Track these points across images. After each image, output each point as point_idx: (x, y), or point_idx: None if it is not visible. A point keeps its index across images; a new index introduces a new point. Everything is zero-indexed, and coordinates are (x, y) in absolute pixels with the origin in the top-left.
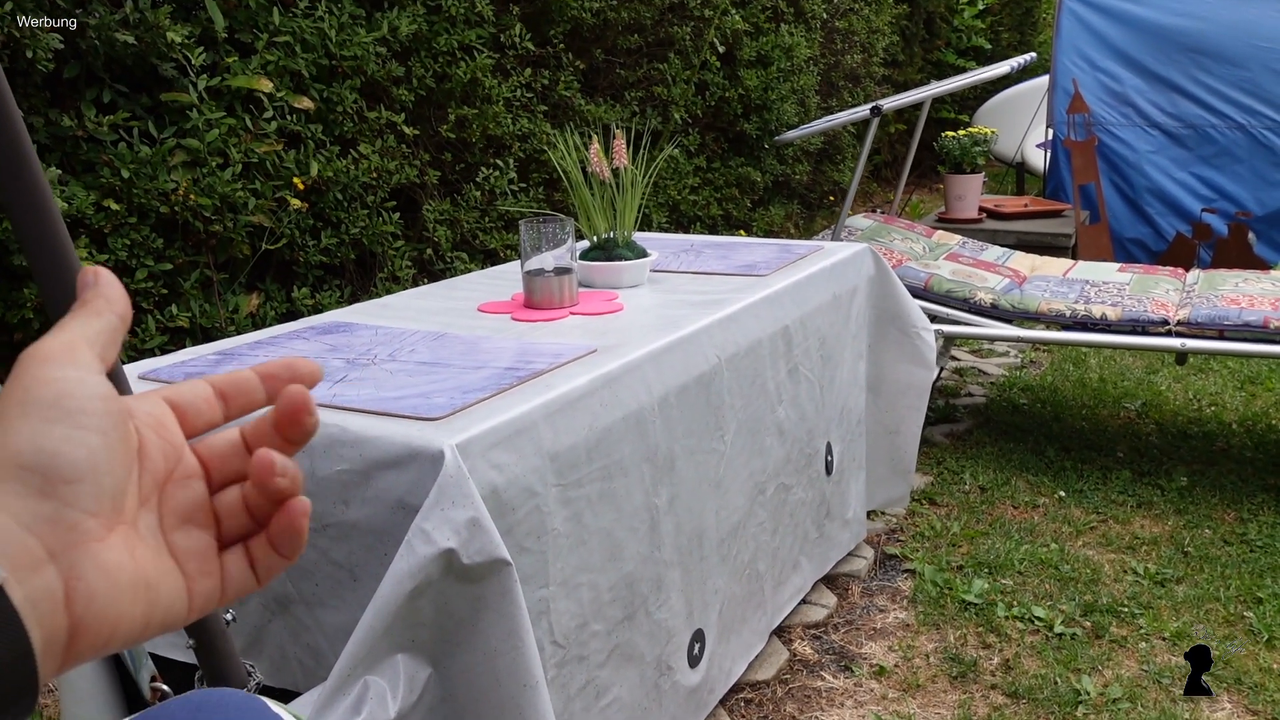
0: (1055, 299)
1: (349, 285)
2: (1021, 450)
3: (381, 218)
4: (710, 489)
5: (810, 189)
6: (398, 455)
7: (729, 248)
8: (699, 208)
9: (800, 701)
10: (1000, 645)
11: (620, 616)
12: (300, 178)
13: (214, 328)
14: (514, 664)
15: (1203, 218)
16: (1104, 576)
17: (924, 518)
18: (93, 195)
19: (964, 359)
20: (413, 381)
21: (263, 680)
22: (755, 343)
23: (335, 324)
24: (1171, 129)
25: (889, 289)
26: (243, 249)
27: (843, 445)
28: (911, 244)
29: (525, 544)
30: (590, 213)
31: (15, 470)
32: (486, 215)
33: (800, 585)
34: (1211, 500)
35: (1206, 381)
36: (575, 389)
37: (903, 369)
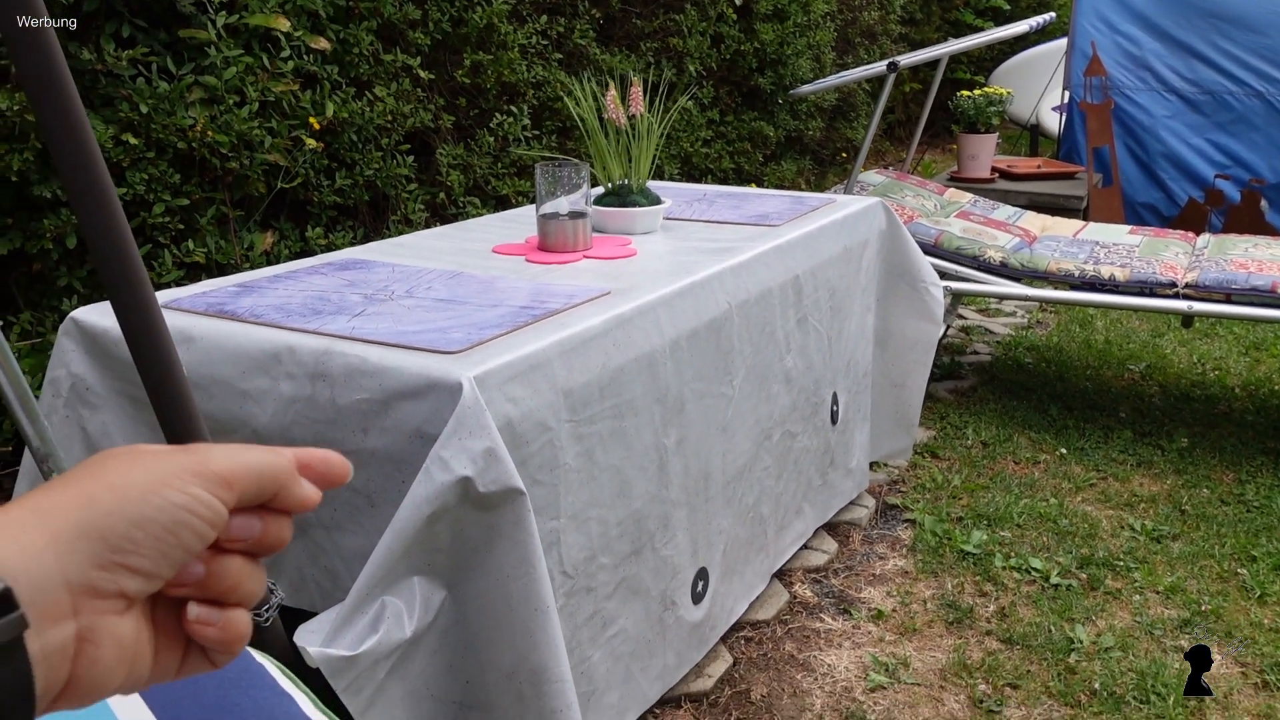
0: (1065, 259)
1: (362, 227)
2: (1024, 408)
3: (395, 160)
4: (718, 432)
5: (823, 145)
6: (416, 386)
7: (742, 198)
8: (711, 160)
9: (799, 641)
10: (996, 594)
11: (628, 551)
12: (316, 118)
13: (229, 264)
14: (526, 589)
15: (1216, 184)
16: (1101, 531)
17: (926, 470)
18: (111, 129)
19: (971, 318)
20: (430, 317)
21: (283, 599)
22: (766, 291)
23: (353, 260)
24: (1189, 94)
25: (900, 243)
26: (258, 187)
27: (848, 396)
28: (923, 201)
29: (538, 476)
30: (605, 159)
31: (97, 539)
32: (499, 161)
33: (802, 530)
34: (1211, 461)
35: (1211, 346)
36: (589, 328)
37: (910, 323)
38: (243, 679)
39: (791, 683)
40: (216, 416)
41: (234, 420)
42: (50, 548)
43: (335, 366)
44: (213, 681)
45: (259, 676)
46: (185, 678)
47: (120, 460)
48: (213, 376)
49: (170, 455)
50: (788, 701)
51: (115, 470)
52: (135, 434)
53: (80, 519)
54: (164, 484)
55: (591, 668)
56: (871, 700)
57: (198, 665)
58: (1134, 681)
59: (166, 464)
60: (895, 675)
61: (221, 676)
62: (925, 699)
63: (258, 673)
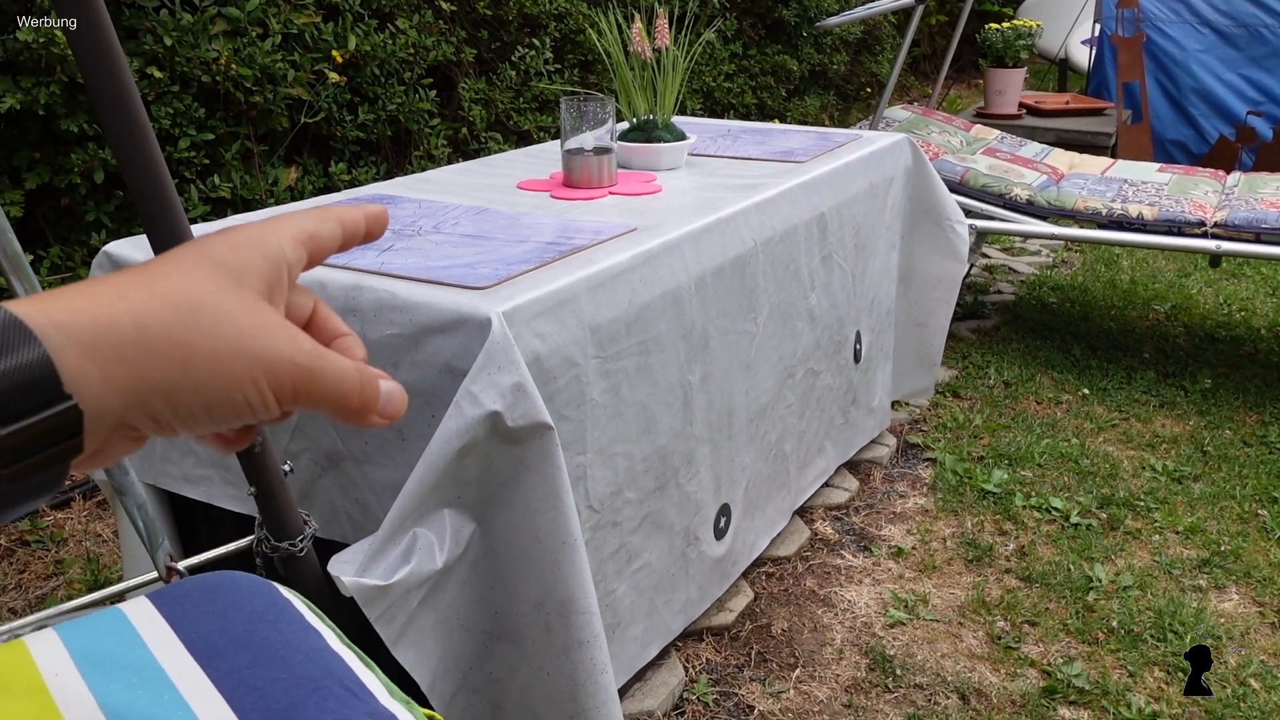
0: (1092, 197)
1: (384, 162)
2: (1048, 348)
3: (418, 94)
4: (741, 370)
5: (847, 80)
6: (446, 321)
7: (766, 134)
8: (733, 95)
9: (820, 577)
10: (1016, 533)
11: (652, 486)
12: (338, 51)
13: (254, 199)
14: (553, 522)
15: (1248, 120)
16: (1122, 472)
17: (947, 409)
18: (136, 62)
19: (995, 256)
20: (458, 252)
21: (316, 530)
22: (791, 228)
23: (379, 196)
24: (1223, 27)
25: (925, 180)
26: (282, 121)
27: (872, 334)
28: (949, 137)
29: (565, 412)
30: (630, 93)
31: (167, 404)
32: (521, 95)
33: (824, 468)
34: (1234, 403)
35: (1238, 286)
36: (616, 265)
37: (934, 261)
38: (270, 612)
39: (812, 618)
40: None
41: None
42: (125, 393)
43: (365, 301)
44: (242, 615)
45: (286, 610)
46: None
47: (208, 316)
48: None
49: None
50: (808, 636)
51: (206, 330)
52: None
53: (164, 380)
54: (241, 380)
55: (616, 600)
56: (891, 636)
57: None
58: (1151, 620)
59: (248, 348)
60: (914, 611)
61: (251, 610)
62: (944, 635)
63: (285, 606)
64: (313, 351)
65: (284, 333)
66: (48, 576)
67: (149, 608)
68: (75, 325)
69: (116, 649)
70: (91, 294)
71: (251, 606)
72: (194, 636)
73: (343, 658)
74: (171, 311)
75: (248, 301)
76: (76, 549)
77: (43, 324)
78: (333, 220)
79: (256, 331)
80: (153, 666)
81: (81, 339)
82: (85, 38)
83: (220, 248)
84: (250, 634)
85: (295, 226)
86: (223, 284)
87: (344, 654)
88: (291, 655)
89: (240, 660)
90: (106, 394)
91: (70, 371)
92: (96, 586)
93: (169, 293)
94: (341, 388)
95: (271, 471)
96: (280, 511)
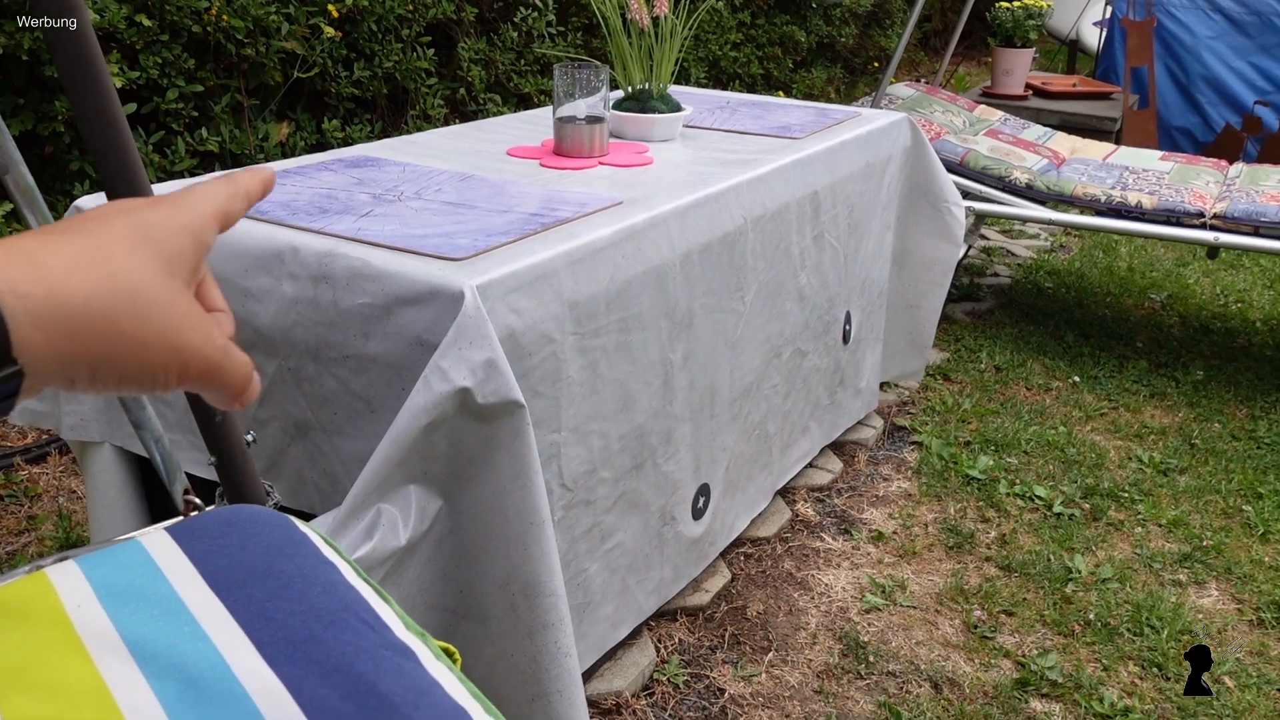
0: (1092, 183)
1: (380, 120)
2: (1041, 333)
3: (416, 53)
4: (726, 348)
5: (855, 53)
6: (419, 293)
7: (765, 108)
8: (739, 65)
9: (798, 559)
10: (999, 520)
11: (628, 465)
12: (335, 4)
13: (243, 154)
14: (522, 502)
15: (1255, 110)
16: (1108, 462)
17: (937, 393)
18: (125, 9)
19: (993, 238)
20: (437, 221)
21: (280, 500)
22: (783, 206)
23: (363, 158)
24: (1235, 14)
25: (924, 161)
26: (274, 75)
27: (862, 315)
28: (952, 117)
29: (540, 389)
30: (626, 61)
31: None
32: (522, 57)
33: (808, 449)
34: (1225, 395)
35: (1236, 278)
36: (598, 239)
37: (930, 243)
38: (288, 546)
39: (788, 600)
40: None
41: (236, 318)
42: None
43: (338, 268)
44: (260, 548)
45: (303, 544)
46: None
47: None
48: (214, 273)
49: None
50: (783, 619)
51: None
52: None
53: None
54: (158, 365)
55: (588, 579)
56: (866, 621)
57: None
58: (1129, 614)
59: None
60: (891, 597)
61: (269, 544)
62: (919, 622)
63: (301, 540)
64: (222, 347)
65: (203, 327)
66: (20, 532)
67: (168, 540)
68: (33, 298)
69: (137, 581)
70: (48, 264)
71: (269, 540)
72: (212, 569)
73: (359, 591)
74: (114, 296)
75: (175, 291)
76: (50, 505)
77: (4, 292)
78: (242, 198)
79: (180, 323)
80: (173, 599)
81: (36, 312)
82: None
83: (158, 230)
84: (268, 567)
85: (214, 203)
86: (158, 272)
87: (360, 587)
88: (309, 588)
89: (258, 592)
90: (47, 360)
91: (20, 339)
92: (69, 544)
93: (114, 275)
94: (235, 381)
95: (233, 440)
96: (241, 482)
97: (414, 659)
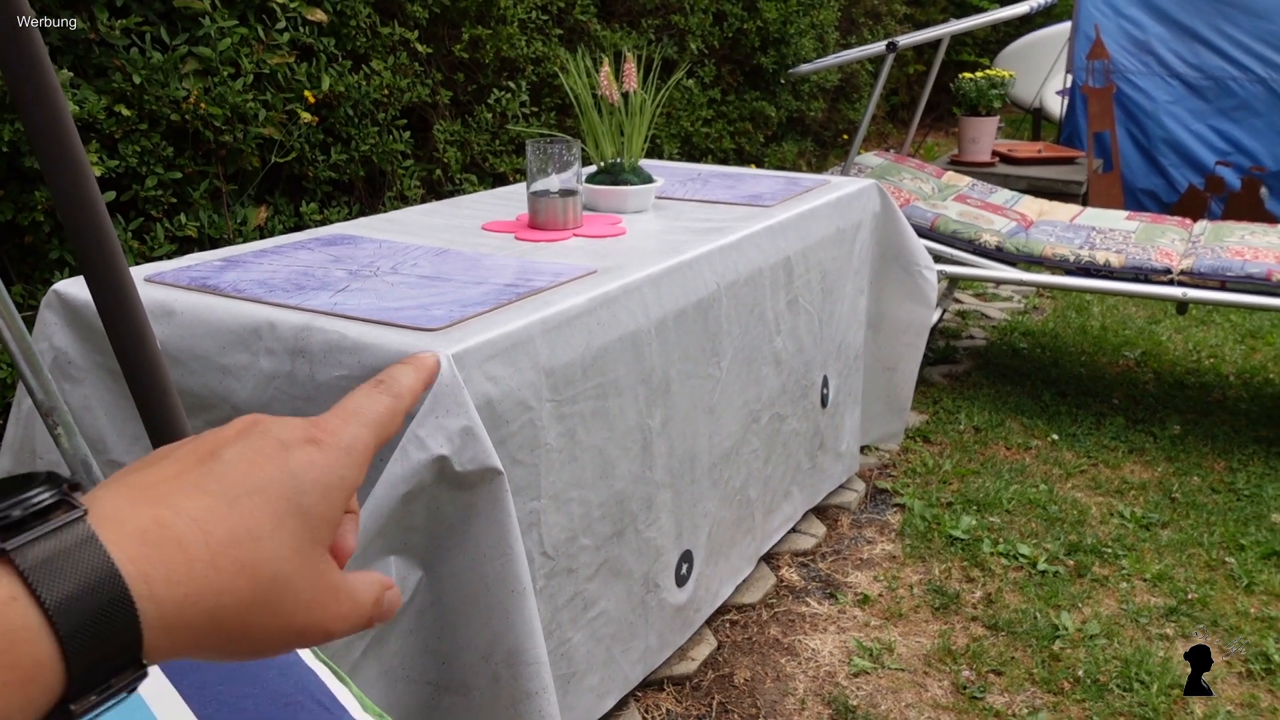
0: (1060, 244)
1: (357, 203)
2: (1018, 393)
3: (392, 135)
4: (704, 414)
5: (825, 126)
6: (395, 363)
7: (736, 178)
8: (711, 140)
9: (785, 625)
10: (984, 580)
11: (610, 532)
12: (311, 91)
13: (222, 238)
14: (503, 570)
15: (1216, 170)
16: (1090, 518)
17: (917, 455)
18: (104, 100)
19: (967, 302)
20: (413, 294)
21: None
22: (756, 272)
23: (340, 236)
24: (1191, 80)
25: (894, 226)
26: (252, 161)
27: (839, 379)
28: (921, 184)
29: (518, 456)
30: (598, 136)
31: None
32: (497, 138)
33: (790, 514)
34: (1203, 449)
35: (1207, 333)
36: (573, 307)
37: (904, 306)
38: None
39: (775, 667)
40: (196, 391)
41: (213, 395)
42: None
43: (315, 342)
44: None
45: None
46: None
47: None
48: (193, 351)
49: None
50: (771, 686)
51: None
52: (116, 408)
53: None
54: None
55: (572, 649)
56: (855, 685)
57: None
58: (1118, 669)
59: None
60: (879, 660)
61: None
62: (909, 684)
63: None
64: (349, 619)
65: (333, 606)
66: None
67: None
68: (169, 601)
69: None
70: (192, 552)
71: None
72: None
73: (316, 672)
74: (252, 591)
75: (313, 570)
76: None
77: (143, 594)
78: (403, 414)
79: (311, 606)
80: None
81: (168, 617)
82: (13, 57)
83: (310, 494)
84: None
85: (376, 435)
86: (301, 548)
87: (317, 668)
88: (263, 669)
89: (212, 676)
90: (164, 658)
91: (148, 645)
92: None
93: (256, 567)
94: (351, 631)
95: None
96: None
97: None
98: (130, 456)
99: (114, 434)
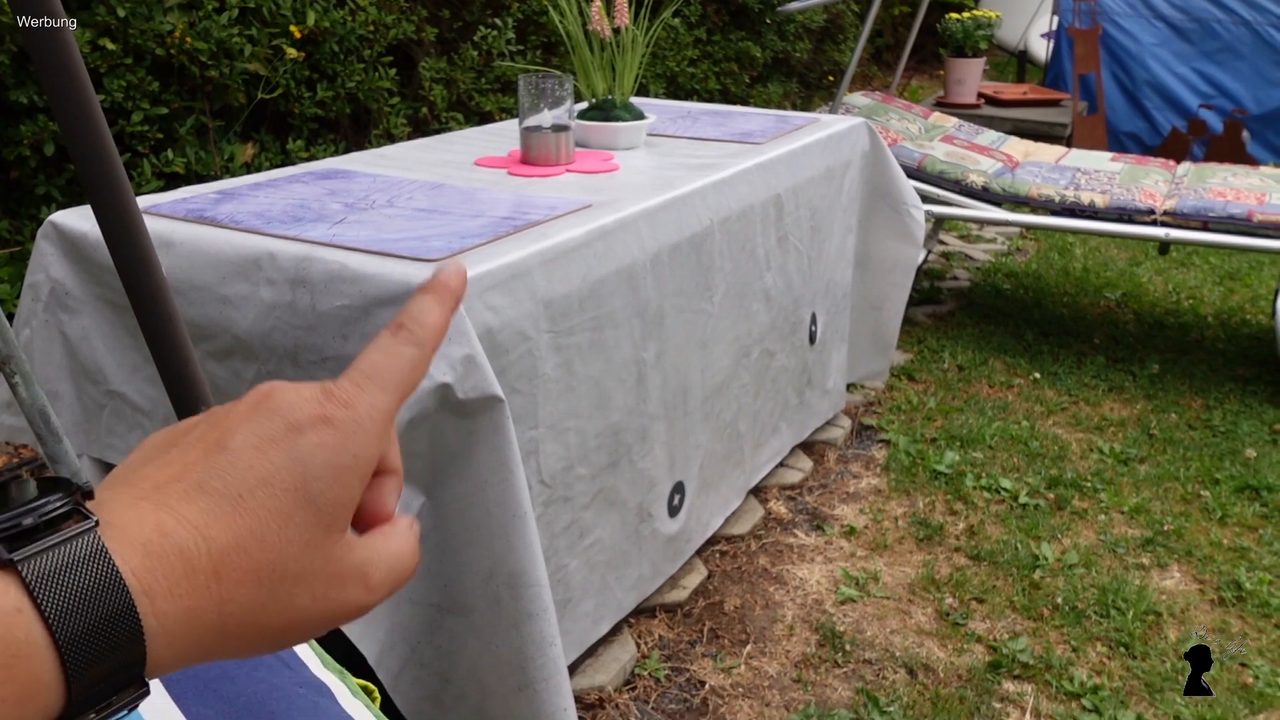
0: (1046, 184)
1: (343, 140)
2: (1001, 333)
3: (378, 73)
4: (697, 348)
5: (810, 68)
6: (396, 293)
7: (726, 115)
8: (697, 81)
9: (773, 555)
10: (966, 512)
11: (605, 463)
12: (297, 26)
13: (209, 175)
14: (504, 495)
15: (1199, 113)
16: (1070, 453)
17: (902, 392)
18: (89, 33)
19: (952, 244)
20: (411, 226)
21: None
22: (747, 208)
23: (334, 170)
24: (1177, 22)
25: (883, 165)
26: (238, 97)
27: (827, 316)
28: (908, 124)
29: (517, 385)
30: (589, 72)
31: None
32: (483, 76)
33: (779, 448)
34: (1181, 387)
35: (1187, 275)
36: (570, 240)
37: (891, 245)
38: None
39: (764, 595)
40: (197, 321)
41: (214, 325)
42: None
43: (315, 273)
44: None
45: None
46: None
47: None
48: (192, 282)
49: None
50: (760, 613)
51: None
52: (114, 338)
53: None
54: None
55: (568, 576)
56: (841, 612)
57: None
58: (1095, 597)
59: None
60: (865, 589)
61: None
62: (893, 611)
63: None
64: (377, 584)
65: (352, 583)
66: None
67: None
68: (172, 615)
69: None
70: (195, 562)
71: None
72: None
73: None
74: (256, 595)
75: (326, 556)
76: None
77: (146, 610)
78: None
79: (329, 594)
80: None
81: (173, 631)
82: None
83: (321, 479)
84: None
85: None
86: (312, 540)
87: None
88: None
89: None
90: (172, 669)
91: (153, 662)
92: None
93: (260, 569)
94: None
95: None
96: None
97: (329, 696)
98: (130, 387)
99: (113, 364)
